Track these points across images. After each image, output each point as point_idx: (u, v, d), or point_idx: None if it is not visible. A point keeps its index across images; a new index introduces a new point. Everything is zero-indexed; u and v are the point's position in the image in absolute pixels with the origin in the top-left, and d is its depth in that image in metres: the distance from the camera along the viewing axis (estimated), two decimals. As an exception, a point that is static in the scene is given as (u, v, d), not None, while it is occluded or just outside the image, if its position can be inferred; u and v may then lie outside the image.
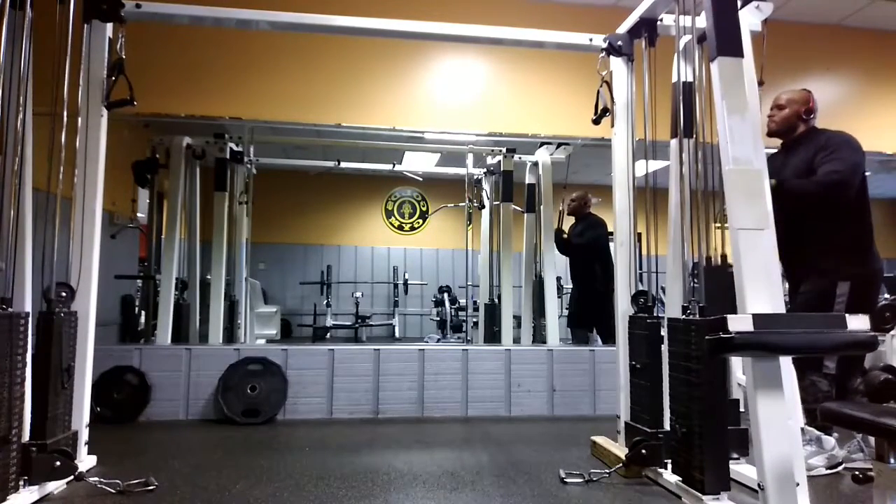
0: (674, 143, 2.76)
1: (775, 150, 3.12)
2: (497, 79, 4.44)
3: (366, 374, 3.94)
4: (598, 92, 2.96)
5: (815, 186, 2.79)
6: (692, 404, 2.24)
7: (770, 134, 3.02)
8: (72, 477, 2.32)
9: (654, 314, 2.74)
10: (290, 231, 8.62)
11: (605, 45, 3.00)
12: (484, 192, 5.84)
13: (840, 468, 2.65)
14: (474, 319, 5.92)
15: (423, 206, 9.21)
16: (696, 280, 2.43)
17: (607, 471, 2.60)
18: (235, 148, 5.07)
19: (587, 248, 5.14)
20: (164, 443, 3.25)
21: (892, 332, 3.11)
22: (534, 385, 4.08)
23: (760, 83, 2.61)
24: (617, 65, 3.01)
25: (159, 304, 4.30)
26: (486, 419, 3.90)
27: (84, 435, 2.58)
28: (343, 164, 6.31)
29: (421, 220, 9.23)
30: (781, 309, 2.42)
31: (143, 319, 4.87)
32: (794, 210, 2.84)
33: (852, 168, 2.79)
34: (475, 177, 5.88)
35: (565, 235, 5.27)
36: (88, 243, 2.60)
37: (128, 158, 4.89)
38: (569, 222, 5.44)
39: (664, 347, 2.50)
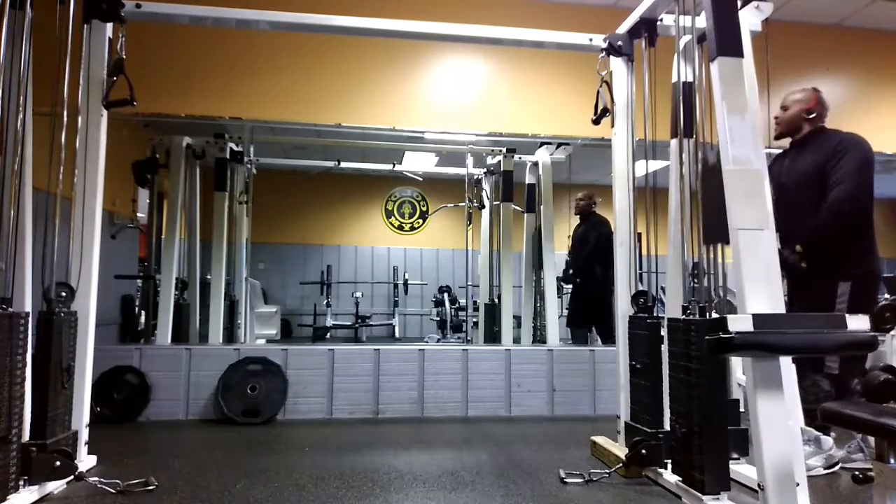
0: (674, 143, 2.76)
1: (780, 151, 3.12)
2: (497, 79, 4.44)
3: (366, 374, 3.94)
4: (598, 92, 2.96)
5: (832, 215, 2.78)
6: (692, 404, 2.24)
7: (777, 136, 3.05)
8: (72, 477, 2.33)
9: (654, 314, 2.74)
10: (290, 231, 8.62)
11: (605, 45, 3.00)
12: (484, 192, 5.84)
13: (837, 468, 2.65)
14: (474, 319, 5.92)
15: (423, 206, 9.21)
16: (696, 280, 2.43)
17: (607, 471, 2.60)
18: (235, 148, 5.06)
19: (590, 253, 5.14)
20: (164, 443, 3.25)
21: (892, 332, 3.10)
22: (534, 385, 4.08)
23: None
24: (617, 65, 3.01)
25: (159, 304, 4.30)
26: (486, 419, 3.90)
27: (84, 435, 2.57)
28: (343, 164, 6.31)
29: (421, 220, 9.23)
30: (781, 309, 2.42)
31: (143, 319, 4.87)
32: (800, 214, 2.85)
33: (861, 176, 2.79)
34: (475, 177, 5.88)
35: (571, 271, 5.31)
36: (88, 243, 2.60)
37: (128, 158, 4.89)
38: (574, 220, 5.45)
39: (664, 347, 2.50)
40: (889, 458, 1.52)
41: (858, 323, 1.77)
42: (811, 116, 2.95)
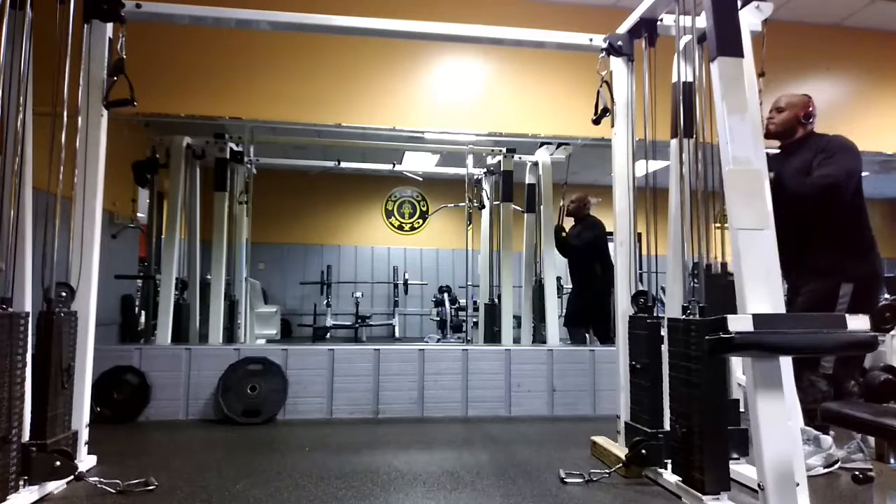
0: (674, 143, 2.76)
1: (775, 151, 3.12)
2: (497, 79, 4.44)
3: (366, 374, 3.94)
4: (598, 92, 2.96)
5: (809, 187, 2.81)
6: (692, 404, 2.25)
7: (768, 136, 3.03)
8: (72, 477, 2.32)
9: (654, 314, 2.74)
10: (290, 231, 8.62)
11: (605, 45, 3.00)
12: (484, 192, 5.84)
13: (836, 466, 2.65)
14: (474, 319, 5.92)
15: (423, 206, 9.21)
16: (696, 280, 2.43)
17: (607, 471, 2.60)
18: (235, 148, 5.07)
19: (584, 250, 5.15)
20: (164, 443, 3.25)
21: (892, 332, 3.11)
22: (534, 385, 4.08)
23: (761, 74, 2.62)
24: (617, 65, 3.01)
25: (159, 304, 4.30)
26: (486, 419, 3.90)
27: (84, 435, 2.58)
28: (343, 164, 6.31)
29: (421, 220, 9.23)
30: (781, 309, 2.42)
31: (143, 319, 4.87)
32: (794, 211, 2.85)
33: (847, 172, 2.80)
34: (475, 177, 5.88)
35: (564, 234, 5.29)
36: (88, 243, 2.60)
37: (128, 158, 4.89)
38: (568, 223, 5.45)
39: (664, 347, 2.50)
40: (889, 458, 1.52)
41: (858, 323, 1.77)
42: (807, 121, 2.95)
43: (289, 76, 4.16)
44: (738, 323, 1.78)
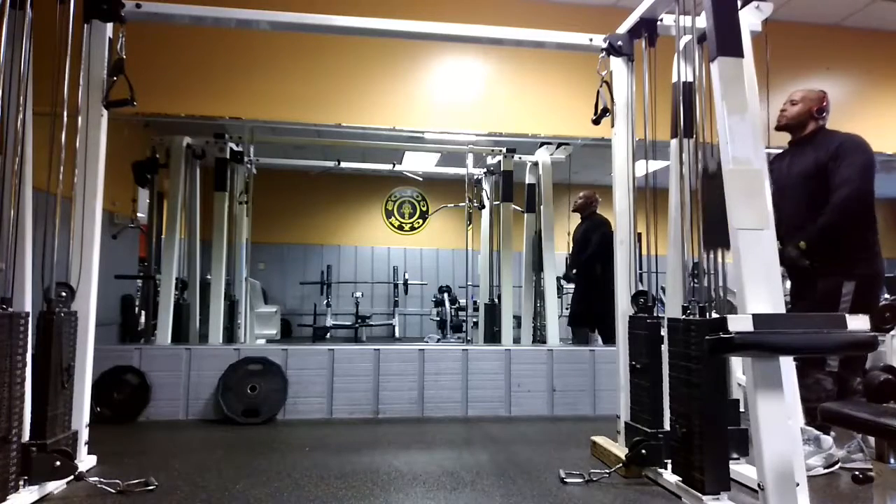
0: (674, 143, 2.76)
1: (780, 150, 3.12)
2: (497, 79, 4.44)
3: (366, 374, 3.94)
4: (598, 92, 2.96)
5: (838, 214, 2.77)
6: (692, 404, 2.25)
7: (779, 127, 3.02)
8: (72, 477, 2.33)
9: (654, 314, 2.74)
10: (290, 231, 8.63)
11: (605, 45, 3.00)
12: (484, 192, 5.84)
13: (836, 467, 2.65)
14: (474, 319, 5.92)
15: (423, 206, 9.21)
16: (696, 280, 2.44)
17: (607, 471, 2.60)
18: (235, 148, 5.07)
19: (591, 255, 5.14)
20: (164, 443, 3.25)
21: (892, 332, 3.11)
22: (534, 385, 4.08)
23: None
24: (617, 65, 3.01)
25: (159, 304, 4.30)
26: (486, 419, 3.90)
27: (84, 435, 2.58)
28: (343, 164, 6.31)
29: (421, 220, 9.23)
30: (781, 309, 2.42)
31: (143, 319, 4.87)
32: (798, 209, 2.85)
33: (865, 177, 2.78)
34: (475, 177, 5.88)
35: (574, 271, 5.32)
36: (88, 243, 2.60)
37: (128, 158, 4.89)
38: (573, 221, 5.45)
39: (664, 347, 2.50)
40: (889, 458, 1.52)
41: (858, 323, 1.77)
42: (820, 116, 2.94)
43: (289, 76, 4.16)
44: (738, 323, 1.78)
